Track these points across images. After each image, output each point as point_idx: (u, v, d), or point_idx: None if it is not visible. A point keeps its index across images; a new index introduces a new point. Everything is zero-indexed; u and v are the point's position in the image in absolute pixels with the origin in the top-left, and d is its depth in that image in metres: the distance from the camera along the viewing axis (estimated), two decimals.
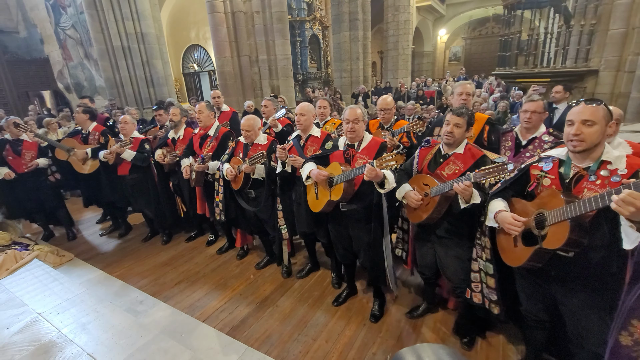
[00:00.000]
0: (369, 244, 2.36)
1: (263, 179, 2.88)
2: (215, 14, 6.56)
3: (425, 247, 2.25)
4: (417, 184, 2.08)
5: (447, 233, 2.07)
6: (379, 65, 19.83)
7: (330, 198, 2.23)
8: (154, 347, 2.04)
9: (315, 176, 2.26)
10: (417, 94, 10.00)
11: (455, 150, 2.01)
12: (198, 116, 3.23)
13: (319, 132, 2.77)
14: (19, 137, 3.73)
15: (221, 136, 3.24)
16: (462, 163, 1.95)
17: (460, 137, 1.97)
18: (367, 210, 2.31)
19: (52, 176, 3.97)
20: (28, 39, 11.38)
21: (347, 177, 2.11)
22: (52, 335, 2.18)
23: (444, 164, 2.03)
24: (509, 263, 1.64)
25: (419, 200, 2.00)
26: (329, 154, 2.39)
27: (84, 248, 3.98)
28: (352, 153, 2.27)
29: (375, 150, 2.20)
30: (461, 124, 1.93)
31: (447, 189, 1.85)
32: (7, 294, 2.67)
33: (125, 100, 8.98)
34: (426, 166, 2.11)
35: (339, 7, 10.50)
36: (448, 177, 1.96)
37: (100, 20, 8.39)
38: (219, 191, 3.15)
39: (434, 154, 2.10)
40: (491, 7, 16.83)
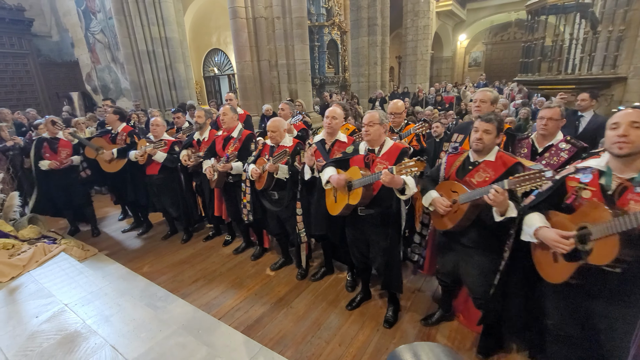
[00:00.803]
0: (385, 249, 2.36)
1: (286, 179, 2.89)
2: (237, 19, 6.72)
3: (448, 255, 2.21)
4: (444, 191, 2.03)
5: (474, 243, 2.01)
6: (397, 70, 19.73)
7: (349, 202, 2.24)
8: (172, 342, 2.10)
9: (334, 182, 2.28)
10: (435, 99, 9.90)
11: (485, 158, 1.95)
12: (222, 118, 3.30)
13: (345, 137, 2.76)
14: (55, 136, 3.94)
15: (244, 138, 3.31)
16: (493, 171, 1.89)
17: (490, 143, 1.91)
18: (385, 215, 2.30)
19: (84, 172, 4.16)
20: (60, 43, 11.97)
21: (366, 182, 2.12)
22: (77, 326, 2.28)
23: (473, 171, 1.97)
24: (549, 279, 1.57)
25: (447, 207, 1.95)
26: (349, 158, 2.40)
27: (107, 244, 4.13)
28: (373, 158, 2.27)
29: (395, 155, 2.19)
30: (490, 130, 1.88)
31: (477, 196, 1.80)
32: (37, 285, 2.81)
33: (149, 102, 9.29)
34: (454, 173, 2.06)
35: (357, 12, 10.55)
36: (478, 185, 1.91)
37: (128, 25, 8.74)
38: (246, 192, 3.19)
39: (462, 161, 2.05)
40: (514, 12, 16.51)
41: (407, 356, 0.83)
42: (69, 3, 10.87)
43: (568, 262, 1.45)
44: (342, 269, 3.25)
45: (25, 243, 3.39)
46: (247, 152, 3.26)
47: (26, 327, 2.30)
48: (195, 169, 3.65)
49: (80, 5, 10.62)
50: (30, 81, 10.85)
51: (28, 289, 2.77)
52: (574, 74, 5.71)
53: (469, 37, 19.23)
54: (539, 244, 1.58)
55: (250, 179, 3.07)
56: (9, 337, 2.20)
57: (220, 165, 3.19)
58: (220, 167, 3.19)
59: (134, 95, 9.39)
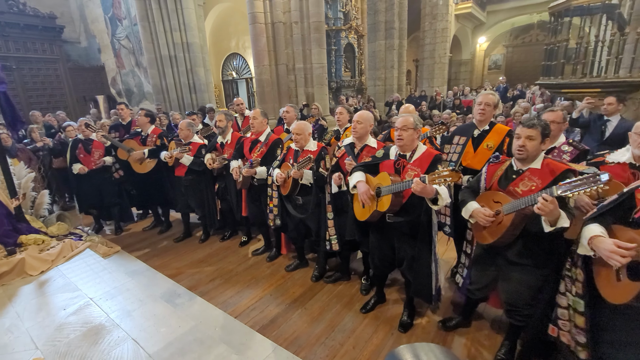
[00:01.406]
0: (413, 257, 2.28)
1: (311, 184, 2.88)
2: (256, 24, 6.86)
3: (488, 270, 2.07)
4: (486, 202, 1.91)
5: (519, 257, 1.86)
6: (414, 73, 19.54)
7: (377, 209, 2.20)
8: (191, 338, 2.17)
9: (360, 194, 2.22)
10: (453, 102, 9.76)
11: (530, 165, 1.82)
12: (252, 122, 3.35)
13: (375, 142, 2.71)
14: (89, 137, 4.13)
15: (271, 143, 3.32)
16: (540, 179, 1.76)
17: (535, 150, 1.78)
18: (414, 224, 2.21)
19: (117, 173, 4.33)
20: (87, 49, 12.52)
21: (395, 189, 2.05)
22: (101, 319, 2.38)
23: (517, 179, 1.84)
24: (610, 300, 1.42)
25: (490, 217, 1.83)
26: (379, 163, 2.34)
27: (129, 241, 4.28)
28: (404, 163, 2.19)
29: (428, 162, 2.10)
30: (534, 135, 1.76)
31: (524, 205, 1.67)
32: (64, 279, 2.95)
33: (170, 105, 9.59)
34: (496, 183, 1.94)
35: (375, 16, 10.55)
36: (523, 194, 1.76)
37: (151, 31, 9.07)
38: (272, 197, 3.20)
39: (504, 170, 1.93)
40: (536, 14, 16.11)
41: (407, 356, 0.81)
42: (97, 10, 11.37)
43: (632, 281, 1.30)
44: (357, 272, 3.25)
45: (53, 239, 3.56)
46: (273, 156, 3.26)
47: (54, 318, 2.42)
48: (219, 172, 3.72)
49: (107, 13, 11.10)
50: (59, 85, 11.40)
51: (56, 283, 2.91)
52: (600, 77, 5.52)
53: (488, 39, 18.87)
54: (600, 259, 1.43)
55: (276, 184, 3.07)
56: (38, 328, 2.32)
57: (244, 170, 3.25)
58: (244, 172, 3.24)
59: (156, 98, 9.71)
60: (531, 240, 1.80)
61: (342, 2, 9.30)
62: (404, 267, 2.41)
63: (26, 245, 3.27)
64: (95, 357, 2.02)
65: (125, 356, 2.02)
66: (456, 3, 14.43)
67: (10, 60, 10.02)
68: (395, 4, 10.32)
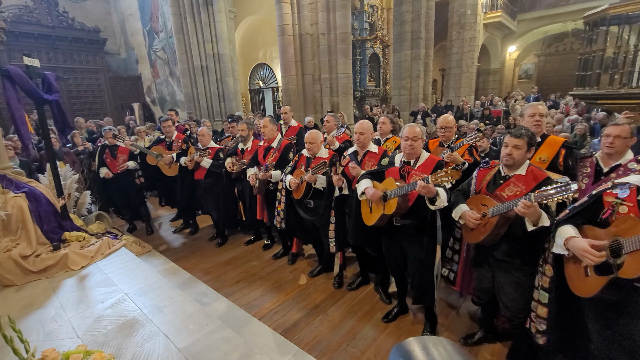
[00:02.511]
0: (420, 260, 2.36)
1: (324, 189, 3.01)
2: (285, 36, 7.10)
3: (483, 269, 2.20)
4: (475, 204, 2.07)
5: (507, 256, 2.01)
6: (440, 82, 19.31)
7: (384, 212, 2.29)
8: (217, 336, 2.25)
9: (369, 196, 2.34)
10: (482, 113, 9.54)
11: (516, 172, 1.97)
12: (263, 130, 3.54)
13: (376, 148, 2.87)
14: (115, 144, 4.44)
15: (283, 148, 3.52)
16: (524, 185, 1.91)
17: (521, 158, 1.93)
18: (420, 226, 2.32)
19: (138, 179, 4.65)
20: (126, 60, 13.36)
21: (401, 192, 2.16)
22: (135, 313, 2.52)
23: (503, 185, 2.00)
24: (579, 293, 1.57)
25: (476, 220, 1.98)
26: (384, 170, 2.46)
27: (159, 242, 4.50)
28: (408, 170, 2.31)
29: (431, 168, 2.23)
30: (520, 145, 1.91)
31: (506, 209, 1.83)
32: (102, 275, 3.15)
33: (200, 113, 10.03)
34: (485, 187, 2.10)
35: (401, 26, 10.59)
36: (508, 199, 1.93)
37: (185, 43, 9.58)
38: (280, 200, 3.36)
39: (493, 175, 2.09)
40: (570, 22, 15.54)
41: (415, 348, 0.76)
42: (137, 24, 12.15)
43: (599, 275, 1.45)
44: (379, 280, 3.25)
45: (93, 237, 3.80)
46: (286, 160, 3.45)
47: (93, 310, 2.59)
48: (238, 175, 3.90)
49: (145, 26, 11.83)
50: (100, 93, 12.22)
51: (95, 278, 3.11)
52: None
53: (519, 48, 18.37)
54: (571, 257, 1.58)
55: (286, 189, 3.23)
56: (79, 318, 2.49)
57: (260, 174, 3.39)
58: (260, 176, 3.41)
59: (187, 106, 10.18)
60: (516, 240, 1.94)
61: (368, 13, 9.44)
62: (410, 271, 2.47)
63: (69, 241, 3.52)
64: (129, 349, 2.15)
65: (157, 350, 2.13)
66: (485, 12, 14.20)
67: (58, 70, 10.86)
68: (422, 14, 10.33)
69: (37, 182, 3.75)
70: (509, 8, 15.57)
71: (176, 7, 9.33)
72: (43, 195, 3.50)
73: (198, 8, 9.25)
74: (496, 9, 14.49)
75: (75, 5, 11.90)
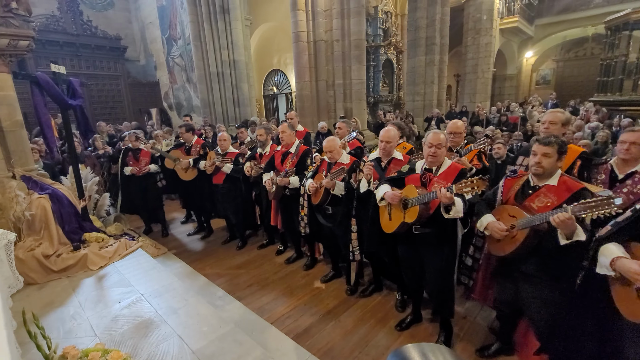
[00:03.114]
0: (440, 269, 2.31)
1: (342, 195, 2.97)
2: (299, 43, 7.19)
3: (507, 281, 2.10)
4: (501, 215, 1.97)
5: (537, 271, 1.89)
6: (455, 88, 19.10)
7: (404, 220, 2.24)
8: (230, 339, 2.27)
9: (389, 198, 2.30)
10: (499, 119, 9.36)
11: (547, 182, 1.87)
12: (281, 136, 3.56)
13: (401, 155, 2.78)
14: (138, 147, 4.56)
15: (301, 153, 3.52)
16: (556, 196, 1.80)
17: (551, 167, 1.84)
18: (441, 235, 2.27)
19: (160, 182, 4.74)
20: (145, 66, 13.76)
21: (422, 200, 2.12)
22: (150, 314, 2.56)
23: (533, 195, 1.89)
24: (630, 317, 1.45)
25: (504, 231, 1.88)
26: (404, 177, 2.41)
27: (174, 244, 4.58)
28: (430, 177, 2.26)
29: (454, 175, 2.17)
30: (550, 153, 1.81)
31: (538, 221, 1.72)
32: (119, 275, 3.22)
33: (215, 118, 10.21)
34: (512, 197, 1.99)
35: (415, 32, 10.57)
36: (539, 210, 1.82)
37: (202, 50, 9.81)
38: (304, 205, 3.35)
39: (521, 185, 1.98)
40: (590, 27, 15.17)
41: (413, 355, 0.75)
42: (156, 32, 12.53)
43: None
44: (392, 288, 3.22)
45: (111, 238, 3.90)
46: (304, 166, 3.46)
47: (111, 310, 2.65)
48: (256, 179, 3.94)
49: (164, 34, 12.19)
50: (120, 99, 12.61)
51: (112, 278, 3.18)
52: None
53: (536, 53, 18.03)
54: (619, 278, 1.47)
55: (307, 193, 3.22)
56: (97, 317, 2.55)
57: (279, 179, 3.40)
58: (278, 181, 3.41)
59: (203, 111, 10.40)
60: (547, 254, 1.82)
61: (382, 20, 9.44)
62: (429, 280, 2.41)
63: (89, 242, 3.62)
64: (145, 349, 2.19)
65: (172, 350, 2.16)
66: (501, 17, 14.02)
67: (81, 77, 11.21)
68: (436, 20, 10.29)
69: (60, 184, 3.88)
70: (526, 13, 15.33)
71: (194, 15, 9.58)
72: (65, 197, 3.62)
73: (215, 16, 9.47)
74: (513, 14, 14.27)
75: (98, 14, 12.38)
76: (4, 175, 3.29)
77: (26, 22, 3.38)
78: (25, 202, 3.24)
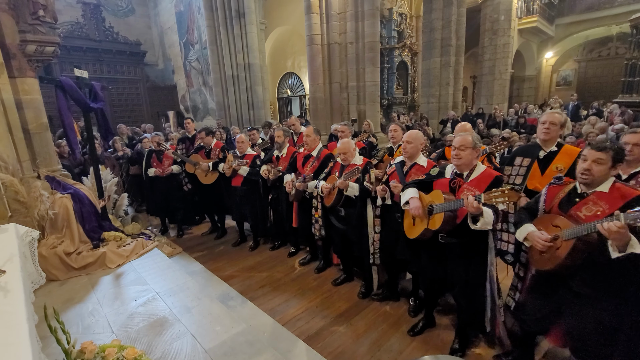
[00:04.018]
0: (465, 283, 2.19)
1: (355, 197, 2.93)
2: (313, 45, 7.22)
3: (547, 300, 1.90)
4: (544, 225, 1.81)
5: (586, 287, 1.69)
6: (471, 90, 18.77)
7: (428, 227, 2.15)
8: (242, 339, 2.29)
9: (412, 210, 2.19)
10: (517, 121, 9.13)
11: (597, 189, 1.70)
12: (305, 139, 3.56)
13: (425, 161, 2.69)
14: (161, 149, 4.66)
15: (323, 157, 3.48)
16: (607, 204, 1.63)
17: (602, 175, 1.66)
18: (468, 246, 2.13)
19: (186, 186, 4.77)
20: (164, 70, 14.12)
21: (448, 207, 2.01)
22: (165, 312, 2.62)
23: (580, 203, 1.73)
24: None
25: (547, 242, 1.72)
26: (433, 181, 2.31)
27: (189, 244, 4.65)
28: (460, 183, 2.14)
29: (487, 183, 2.02)
30: (604, 159, 1.63)
31: (586, 231, 1.56)
32: (136, 273, 3.30)
33: (230, 120, 10.36)
34: (556, 205, 1.83)
35: (431, 33, 10.46)
36: (587, 220, 1.65)
37: (218, 54, 9.99)
38: (317, 207, 3.33)
39: (567, 193, 1.82)
40: (615, 25, 14.64)
41: None
42: (174, 37, 12.86)
43: None
44: (404, 293, 3.17)
45: (129, 237, 4.01)
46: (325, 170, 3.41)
47: (127, 307, 2.72)
48: (273, 182, 3.95)
49: (182, 39, 12.49)
50: (139, 102, 12.99)
51: (129, 276, 3.27)
52: None
53: (557, 54, 17.53)
54: None
55: (321, 195, 3.20)
56: (114, 314, 2.62)
57: (297, 183, 3.41)
58: (297, 185, 3.41)
59: (218, 114, 10.57)
60: (598, 269, 1.63)
61: (396, 22, 9.40)
62: (456, 292, 2.31)
63: (108, 240, 3.73)
64: (159, 347, 2.23)
65: (185, 349, 2.20)
66: (520, 17, 13.71)
67: (103, 81, 11.64)
68: (452, 21, 10.15)
69: (81, 184, 4.02)
70: (546, 12, 14.93)
71: (211, 20, 9.78)
72: (86, 197, 3.75)
73: (231, 20, 9.64)
74: (532, 13, 13.93)
75: (120, 20, 12.81)
76: (29, 175, 3.43)
77: (52, 29, 3.53)
78: (48, 202, 3.37)
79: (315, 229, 3.39)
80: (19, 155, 3.35)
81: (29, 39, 3.35)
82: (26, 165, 3.45)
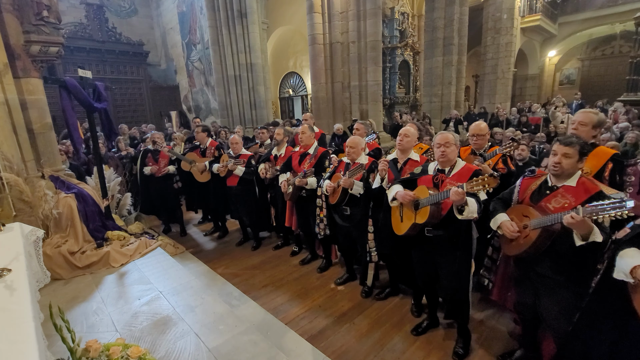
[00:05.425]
0: (453, 273, 2.26)
1: (360, 195, 2.94)
2: (315, 45, 7.22)
3: (524, 284, 2.08)
4: (516, 214, 1.97)
5: (551, 272, 1.88)
6: (473, 89, 18.72)
7: (415, 221, 2.22)
8: (246, 338, 2.29)
9: (401, 197, 2.27)
10: (519, 120, 9.09)
11: (565, 182, 1.84)
12: (301, 136, 3.57)
13: (418, 156, 2.76)
14: (157, 148, 4.68)
15: (319, 155, 3.51)
16: (574, 197, 1.77)
17: (570, 168, 1.81)
18: (454, 237, 2.23)
19: (176, 184, 4.84)
20: (166, 70, 14.15)
21: (434, 200, 2.09)
22: (169, 312, 2.62)
23: (550, 196, 1.87)
24: None
25: (514, 232, 1.89)
26: (416, 178, 2.38)
27: (191, 244, 4.67)
28: (442, 178, 2.22)
29: (467, 177, 2.11)
30: (571, 154, 1.79)
31: (551, 222, 1.72)
32: (139, 273, 3.32)
33: (232, 120, 10.39)
34: (528, 197, 1.98)
35: (433, 33, 10.43)
36: (555, 211, 1.80)
37: (221, 54, 10.01)
38: (322, 207, 3.34)
39: (539, 185, 1.96)
40: (619, 24, 14.55)
41: None
42: (177, 37, 12.89)
43: None
44: (408, 292, 3.16)
45: (132, 236, 4.02)
46: (322, 167, 3.45)
47: (131, 306, 2.73)
48: (271, 181, 3.96)
49: (184, 39, 12.52)
50: (142, 102, 13.03)
51: (133, 275, 3.28)
52: None
53: (560, 52, 17.43)
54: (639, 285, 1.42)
55: (325, 194, 3.20)
56: (118, 313, 2.63)
57: (297, 180, 3.41)
58: (297, 182, 3.41)
59: (221, 114, 10.60)
60: (560, 255, 1.82)
61: (398, 21, 9.37)
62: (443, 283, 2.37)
63: (111, 240, 3.75)
64: (163, 346, 2.24)
65: (188, 348, 2.21)
66: (522, 16, 13.63)
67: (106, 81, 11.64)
68: (454, 20, 10.12)
69: (85, 184, 4.04)
70: (549, 11, 14.86)
71: (213, 20, 9.80)
72: (90, 196, 3.76)
73: (233, 20, 9.66)
74: (535, 12, 13.86)
75: (122, 21, 12.86)
76: (34, 175, 3.44)
77: (56, 30, 3.54)
78: (53, 201, 3.39)
79: (319, 229, 3.40)
80: (24, 155, 3.36)
81: (33, 40, 3.36)
82: (30, 165, 3.47)
